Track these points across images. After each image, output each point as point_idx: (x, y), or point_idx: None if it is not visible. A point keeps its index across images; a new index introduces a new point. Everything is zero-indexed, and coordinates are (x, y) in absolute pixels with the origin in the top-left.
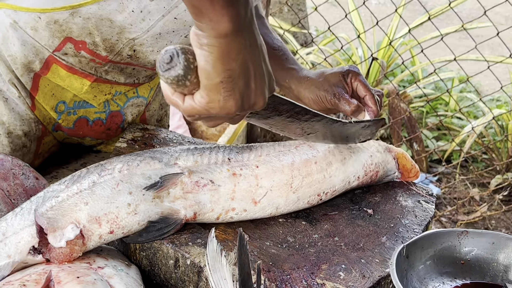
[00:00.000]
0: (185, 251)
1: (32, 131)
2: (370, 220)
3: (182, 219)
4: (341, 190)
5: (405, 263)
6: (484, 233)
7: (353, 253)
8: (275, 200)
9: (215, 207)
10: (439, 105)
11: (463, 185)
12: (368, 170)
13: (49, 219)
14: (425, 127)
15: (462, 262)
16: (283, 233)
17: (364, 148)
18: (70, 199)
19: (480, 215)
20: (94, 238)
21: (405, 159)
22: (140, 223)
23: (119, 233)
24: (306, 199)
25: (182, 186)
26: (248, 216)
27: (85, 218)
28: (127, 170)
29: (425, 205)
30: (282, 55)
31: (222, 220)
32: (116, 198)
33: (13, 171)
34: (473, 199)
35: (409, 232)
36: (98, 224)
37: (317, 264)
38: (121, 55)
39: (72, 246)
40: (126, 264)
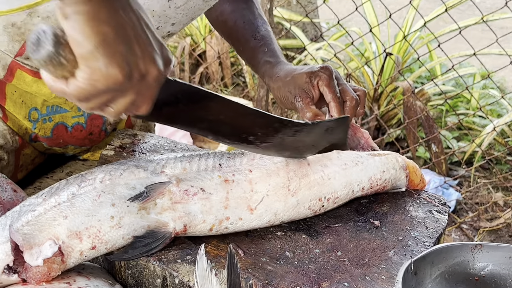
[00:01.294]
0: (173, 269)
1: (8, 143)
2: (376, 232)
3: (171, 233)
4: (344, 198)
5: (413, 280)
6: (500, 246)
7: (357, 270)
8: (273, 205)
9: (207, 218)
10: (459, 103)
11: (486, 189)
12: (375, 184)
13: (25, 235)
14: (444, 127)
15: (476, 279)
16: (281, 248)
17: (377, 160)
18: (47, 213)
19: (504, 222)
20: (75, 254)
21: (415, 175)
22: (125, 238)
23: (102, 248)
24: (307, 203)
25: (170, 196)
26: (244, 226)
27: (64, 233)
28: (109, 180)
29: (437, 216)
30: (261, 45)
31: (216, 231)
32: (98, 210)
33: None
34: (496, 204)
35: (419, 246)
36: (79, 239)
37: (317, 282)
38: None
39: (50, 265)
40: (110, 283)
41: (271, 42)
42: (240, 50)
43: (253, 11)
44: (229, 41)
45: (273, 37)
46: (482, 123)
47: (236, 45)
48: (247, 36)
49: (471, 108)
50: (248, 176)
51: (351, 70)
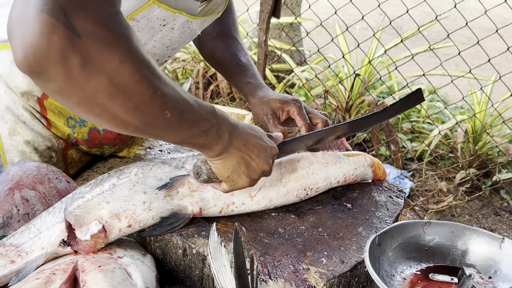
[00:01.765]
0: (191, 242)
1: (54, 145)
2: (349, 213)
3: (190, 214)
4: (323, 188)
5: (378, 250)
6: (444, 223)
7: (334, 242)
8: (268, 193)
9: (217, 203)
10: (412, 113)
11: (433, 179)
12: (348, 178)
13: (76, 216)
14: (400, 131)
15: (426, 249)
16: (275, 225)
17: (351, 161)
18: (94, 199)
19: (447, 204)
20: (115, 231)
21: (379, 168)
22: (154, 218)
23: (136, 227)
24: (295, 192)
25: (188, 186)
26: (246, 209)
27: (107, 215)
28: (142, 174)
29: (396, 200)
30: (244, 71)
31: (224, 213)
32: (133, 197)
33: (48, 176)
34: (441, 191)
35: (382, 223)
36: (118, 220)
37: (303, 251)
38: None
39: (95, 239)
40: (142, 254)
41: (251, 68)
42: (227, 76)
43: (237, 46)
44: (218, 69)
45: (253, 65)
46: (430, 128)
47: (224, 72)
48: (233, 65)
49: (421, 117)
50: None
51: (328, 87)
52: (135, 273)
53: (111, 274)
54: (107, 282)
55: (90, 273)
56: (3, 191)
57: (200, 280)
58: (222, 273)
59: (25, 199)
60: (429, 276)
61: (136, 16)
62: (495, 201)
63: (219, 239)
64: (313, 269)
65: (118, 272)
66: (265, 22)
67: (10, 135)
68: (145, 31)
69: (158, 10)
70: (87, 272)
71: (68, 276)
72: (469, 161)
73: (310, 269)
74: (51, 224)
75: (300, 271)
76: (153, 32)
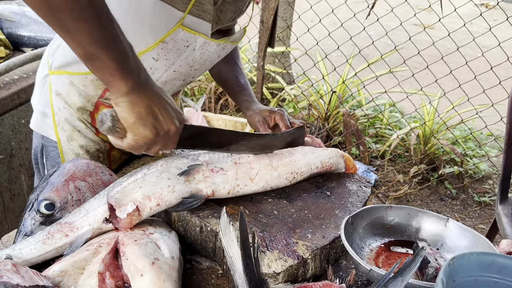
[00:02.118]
0: (207, 222)
1: (102, 147)
2: (328, 199)
3: (205, 196)
4: (306, 172)
5: (351, 227)
6: (402, 207)
7: (317, 221)
8: (264, 176)
9: (225, 185)
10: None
11: (392, 173)
12: (325, 164)
13: (116, 199)
14: (367, 135)
15: (388, 227)
16: (271, 209)
17: (326, 152)
18: (129, 185)
19: (403, 192)
20: (146, 210)
21: (350, 161)
22: (177, 198)
23: (163, 205)
24: (284, 175)
25: (202, 173)
26: (249, 190)
27: (140, 197)
28: (166, 165)
29: (364, 189)
30: (242, 91)
31: (232, 194)
32: (160, 182)
33: (95, 170)
34: (399, 182)
35: (354, 207)
36: (149, 200)
37: (293, 229)
38: None
39: (131, 217)
40: (169, 231)
41: (248, 88)
42: (229, 93)
43: (237, 70)
44: (222, 87)
45: (249, 85)
46: (390, 133)
47: (226, 89)
48: (233, 85)
49: (383, 124)
50: (248, 159)
51: (311, 101)
52: (163, 246)
53: (145, 246)
54: (141, 252)
55: (128, 245)
56: (60, 182)
57: (213, 251)
58: (231, 246)
59: (78, 188)
60: (391, 248)
61: (166, 39)
62: (440, 190)
63: (228, 219)
64: (301, 242)
65: (150, 245)
66: (262, 51)
67: (68, 141)
68: (173, 52)
69: (182, 33)
70: (126, 245)
71: (111, 248)
72: (420, 158)
73: (299, 243)
74: (97, 206)
75: (291, 244)
76: (179, 52)
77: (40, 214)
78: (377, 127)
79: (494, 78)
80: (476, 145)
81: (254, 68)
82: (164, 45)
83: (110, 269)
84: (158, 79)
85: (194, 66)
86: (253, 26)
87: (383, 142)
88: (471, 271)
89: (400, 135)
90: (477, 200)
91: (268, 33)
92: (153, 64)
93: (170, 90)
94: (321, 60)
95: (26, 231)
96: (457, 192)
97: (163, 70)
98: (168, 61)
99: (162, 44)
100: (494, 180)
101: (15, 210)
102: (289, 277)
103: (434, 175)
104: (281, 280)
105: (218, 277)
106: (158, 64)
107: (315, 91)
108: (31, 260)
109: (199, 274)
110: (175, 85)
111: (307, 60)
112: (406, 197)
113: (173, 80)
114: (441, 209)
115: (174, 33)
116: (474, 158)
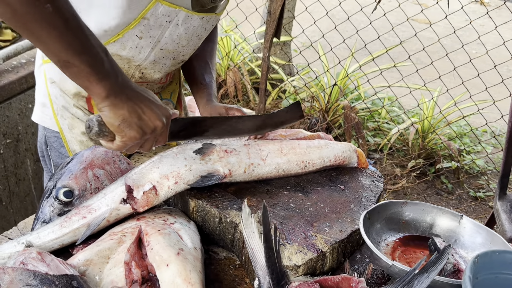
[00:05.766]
0: (226, 213)
1: None
2: (342, 193)
3: (222, 175)
4: (319, 164)
5: (368, 222)
6: (417, 203)
7: (333, 215)
8: (274, 159)
9: (240, 164)
10: (375, 115)
11: (391, 166)
12: (338, 158)
13: (134, 180)
14: (365, 129)
15: (403, 222)
16: (287, 201)
17: (340, 145)
18: (146, 166)
19: (401, 186)
20: (164, 188)
21: (362, 156)
22: (194, 176)
23: (181, 183)
24: (294, 162)
25: (217, 154)
26: (262, 170)
27: (158, 176)
28: (181, 148)
29: (377, 183)
30: (204, 88)
31: (248, 173)
32: (176, 162)
33: (113, 159)
34: (397, 175)
35: (368, 201)
36: (167, 179)
37: (310, 222)
38: (134, 77)
39: (148, 195)
40: (188, 221)
41: (210, 88)
42: (191, 88)
43: (206, 69)
44: (188, 83)
45: (212, 86)
46: (388, 127)
47: (191, 86)
48: (197, 82)
49: (382, 118)
50: (257, 142)
51: (312, 93)
52: (185, 236)
53: (168, 236)
54: (166, 242)
55: (152, 235)
56: (79, 170)
57: (231, 242)
58: (252, 238)
59: (96, 176)
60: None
61: (146, 15)
62: (437, 184)
63: (249, 211)
64: (319, 236)
65: (173, 235)
66: (268, 42)
67: (70, 129)
68: (155, 28)
69: (162, 7)
70: (149, 235)
71: (135, 237)
72: (418, 153)
73: (317, 236)
74: (114, 188)
75: (310, 237)
76: (162, 29)
77: (58, 201)
78: (375, 121)
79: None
80: (472, 141)
81: (255, 58)
82: (145, 22)
83: (135, 258)
84: (146, 58)
85: (181, 43)
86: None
87: (381, 136)
88: (493, 268)
89: (400, 130)
90: (473, 195)
91: (275, 24)
92: (138, 42)
93: (161, 70)
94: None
95: (44, 218)
96: (453, 187)
97: (149, 48)
98: (152, 39)
99: (143, 21)
100: (488, 176)
101: (20, 195)
102: (308, 270)
103: (431, 169)
104: (301, 273)
105: (236, 267)
106: (143, 42)
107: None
108: (48, 243)
109: (217, 264)
110: (166, 64)
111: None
112: (403, 190)
113: (162, 59)
114: (437, 203)
115: (154, 8)
116: (471, 154)
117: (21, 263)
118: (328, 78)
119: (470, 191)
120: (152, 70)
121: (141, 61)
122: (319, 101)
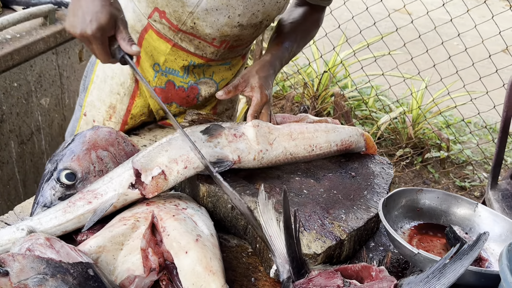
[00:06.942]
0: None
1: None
2: (354, 180)
3: (231, 162)
4: (326, 148)
5: (385, 209)
6: (433, 191)
7: (348, 202)
8: (282, 143)
9: (250, 150)
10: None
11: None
12: (345, 143)
13: (142, 163)
14: (354, 117)
15: (418, 210)
16: (300, 188)
17: (347, 129)
18: (155, 149)
19: None
20: (173, 173)
21: (370, 140)
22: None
23: (190, 168)
24: (302, 146)
25: (226, 137)
26: (271, 155)
27: (166, 160)
28: (191, 130)
29: (388, 170)
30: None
31: (257, 160)
32: (185, 146)
33: (118, 140)
34: None
35: (381, 189)
36: (176, 163)
37: (326, 209)
38: (186, 25)
39: (157, 180)
40: (199, 206)
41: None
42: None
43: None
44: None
45: (285, 52)
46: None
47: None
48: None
49: (369, 107)
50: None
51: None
52: (200, 222)
53: (184, 222)
54: (183, 228)
55: (167, 221)
56: (81, 151)
57: (244, 230)
58: (270, 225)
59: (100, 158)
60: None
61: None
62: (423, 174)
63: (266, 196)
64: (336, 223)
65: (188, 221)
66: None
67: None
68: None
69: None
70: (164, 220)
71: (150, 222)
72: (406, 142)
73: (334, 224)
74: (121, 172)
75: (326, 225)
76: None
77: (60, 184)
78: (363, 109)
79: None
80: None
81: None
82: None
83: (151, 245)
84: (199, 4)
85: None
86: None
87: (369, 125)
88: None
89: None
90: (458, 184)
91: None
92: None
93: (213, 25)
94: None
95: (45, 201)
96: (439, 176)
97: None
98: None
99: None
100: (474, 166)
101: (3, 179)
102: (327, 258)
103: (418, 159)
104: (320, 261)
105: (248, 255)
106: None
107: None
108: (50, 230)
109: (229, 252)
110: (219, 20)
111: None
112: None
113: (215, 12)
114: None
115: None
116: (458, 144)
117: (27, 250)
118: (318, 65)
119: (456, 180)
120: (204, 23)
121: (193, 7)
122: (308, 88)
